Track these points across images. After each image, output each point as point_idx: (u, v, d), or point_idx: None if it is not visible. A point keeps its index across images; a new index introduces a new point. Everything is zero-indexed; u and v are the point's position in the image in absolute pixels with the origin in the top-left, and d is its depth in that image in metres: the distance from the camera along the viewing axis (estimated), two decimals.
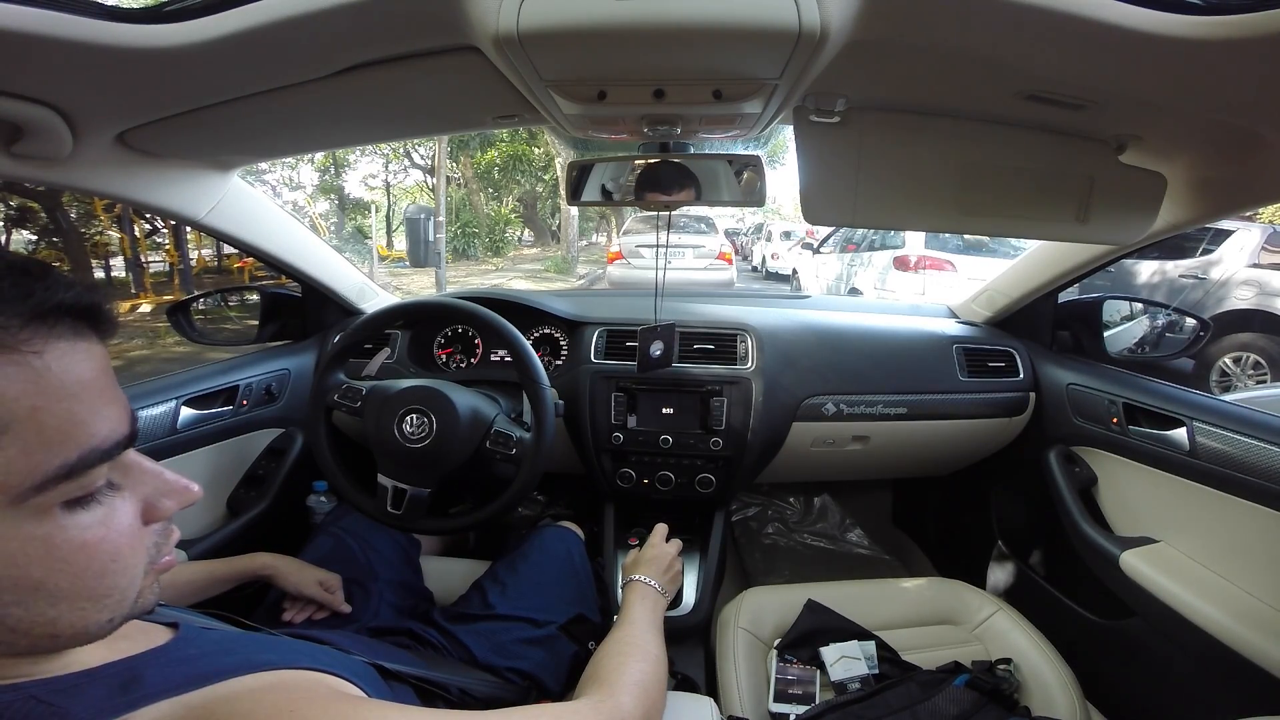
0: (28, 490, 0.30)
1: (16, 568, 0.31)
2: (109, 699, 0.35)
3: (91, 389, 0.33)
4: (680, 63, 0.58)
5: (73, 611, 0.33)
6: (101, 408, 0.33)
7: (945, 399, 1.27)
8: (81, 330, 0.33)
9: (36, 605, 0.32)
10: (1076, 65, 0.57)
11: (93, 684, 0.36)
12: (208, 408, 1.12)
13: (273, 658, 0.44)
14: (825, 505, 1.86)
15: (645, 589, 0.85)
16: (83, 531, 0.33)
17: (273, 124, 0.83)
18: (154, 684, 0.37)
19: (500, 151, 12.44)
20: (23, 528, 0.31)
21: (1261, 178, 0.77)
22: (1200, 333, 1.31)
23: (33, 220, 8.21)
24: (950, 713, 0.84)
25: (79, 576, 0.33)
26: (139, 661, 0.39)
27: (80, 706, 0.34)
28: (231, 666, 0.41)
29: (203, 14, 0.54)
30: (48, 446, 0.31)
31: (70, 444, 0.32)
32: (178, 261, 8.32)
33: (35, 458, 0.31)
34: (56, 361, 0.32)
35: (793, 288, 7.71)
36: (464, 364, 1.39)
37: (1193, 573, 0.93)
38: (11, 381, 0.30)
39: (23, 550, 0.31)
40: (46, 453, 0.31)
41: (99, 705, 0.35)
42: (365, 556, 1.00)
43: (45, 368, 0.31)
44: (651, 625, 0.77)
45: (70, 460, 0.32)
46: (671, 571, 0.91)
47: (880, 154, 0.79)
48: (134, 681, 0.37)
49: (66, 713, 0.33)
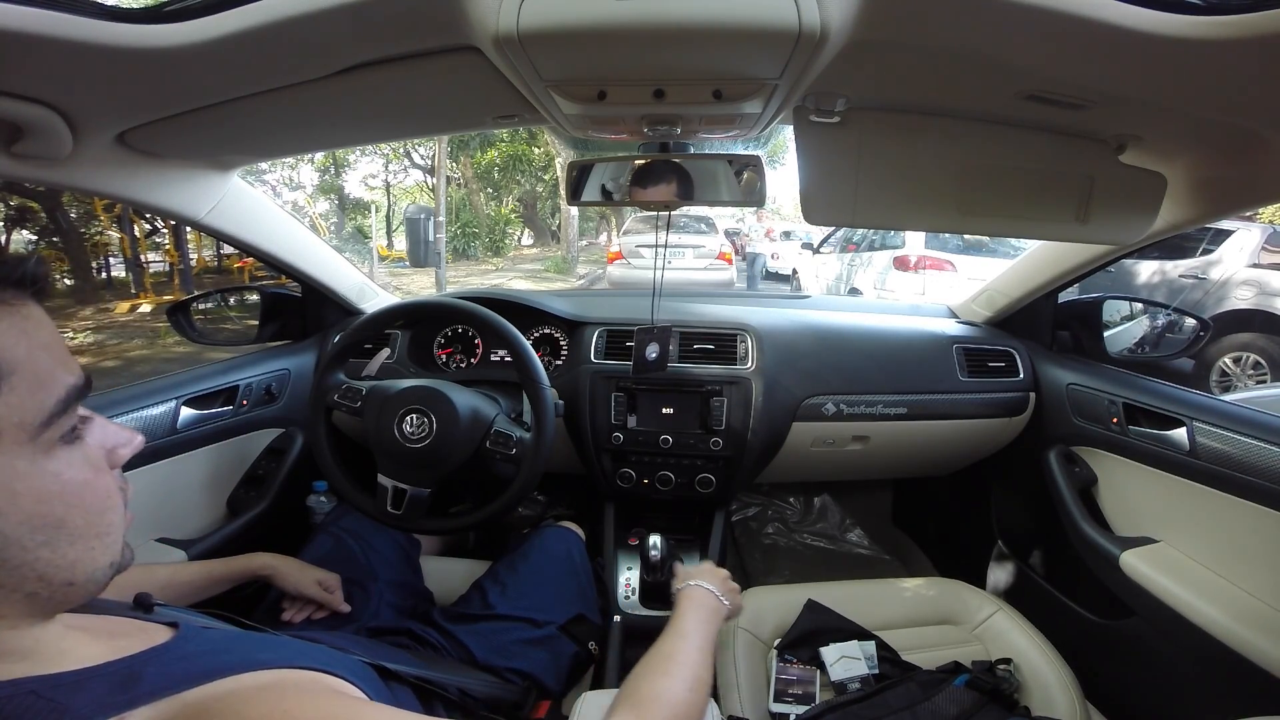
0: (38, 427, 0.35)
1: (44, 504, 0.35)
2: (109, 696, 0.36)
3: (56, 339, 0.38)
4: (680, 63, 0.58)
5: (87, 551, 0.37)
6: (65, 356, 0.38)
7: (945, 399, 1.27)
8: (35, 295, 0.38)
9: (60, 545, 0.36)
10: (1076, 65, 0.57)
11: (92, 681, 0.36)
12: (208, 408, 1.12)
13: (272, 657, 0.44)
14: (825, 505, 1.86)
15: (704, 594, 0.76)
16: (80, 469, 0.38)
17: (273, 124, 0.84)
18: (153, 682, 0.38)
19: (500, 151, 12.43)
20: (40, 464, 0.35)
21: (1261, 178, 0.77)
22: (1200, 333, 1.31)
23: (33, 220, 8.22)
24: (950, 713, 0.84)
25: (88, 512, 0.37)
26: (139, 660, 0.40)
27: (79, 703, 0.34)
28: (230, 665, 0.41)
29: (203, 14, 0.54)
30: (44, 387, 0.35)
31: (57, 384, 0.36)
32: (178, 261, 8.31)
33: (38, 396, 0.35)
34: (34, 316, 0.37)
35: (793, 288, 7.71)
36: (464, 364, 1.39)
37: (1193, 573, 0.93)
38: (9, 333, 0.35)
39: (45, 486, 0.35)
40: (44, 393, 0.35)
41: (98, 702, 0.35)
42: (365, 556, 1.00)
43: (27, 319, 0.36)
44: (705, 640, 0.69)
45: (61, 396, 0.36)
46: (728, 587, 0.82)
47: (880, 154, 0.79)
48: (133, 679, 0.37)
49: (66, 709, 0.34)
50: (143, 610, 0.50)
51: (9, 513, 0.34)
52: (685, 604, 0.74)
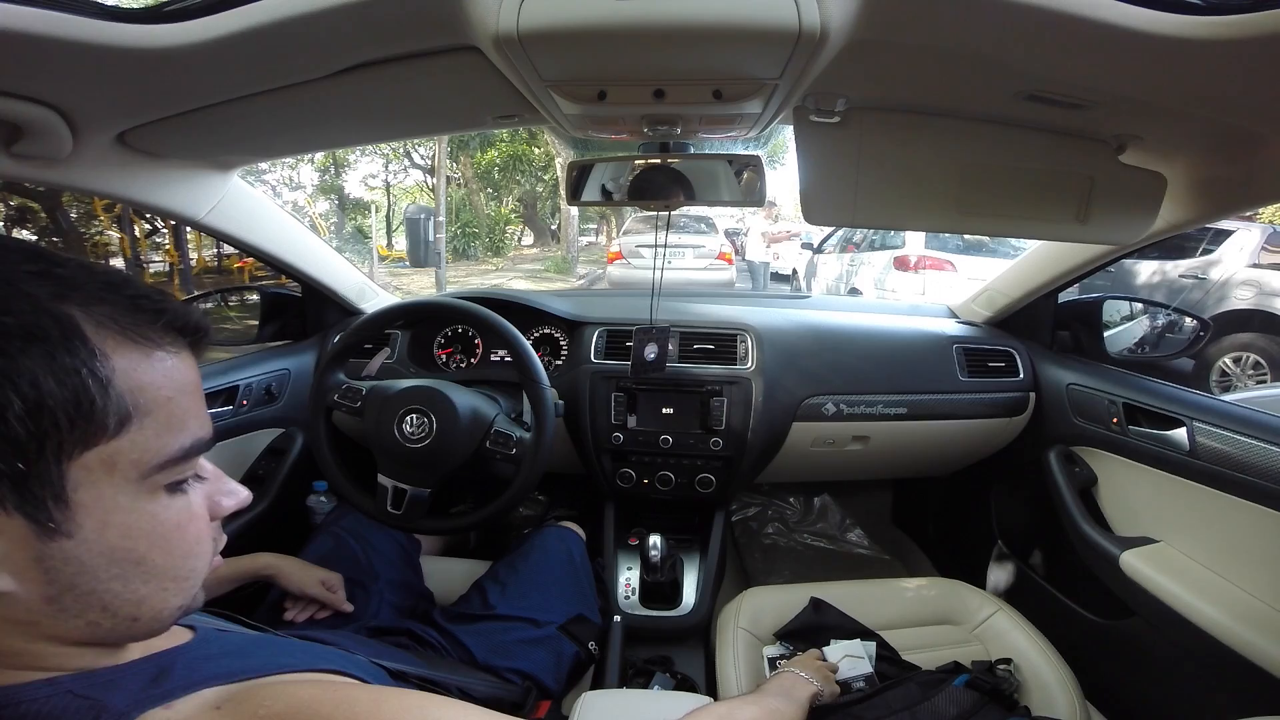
0: (152, 469, 0.35)
1: (129, 540, 0.35)
2: (143, 691, 0.36)
3: (197, 391, 0.39)
4: (680, 63, 0.58)
5: (159, 591, 0.37)
6: (201, 409, 0.39)
7: (945, 399, 1.27)
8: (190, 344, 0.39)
9: (133, 581, 0.36)
10: (1076, 65, 0.57)
11: (126, 677, 0.37)
12: (208, 408, 1.12)
13: (293, 660, 0.45)
14: (825, 505, 1.86)
15: (796, 679, 0.78)
16: (178, 513, 0.38)
17: (273, 124, 0.83)
18: (183, 677, 0.38)
19: (500, 151, 12.42)
20: (139, 503, 0.35)
21: (1261, 178, 0.77)
22: (1200, 333, 1.31)
23: (33, 220, 8.21)
24: (950, 713, 0.84)
25: (171, 555, 0.37)
26: (166, 657, 0.40)
27: (116, 699, 0.35)
28: (255, 667, 0.42)
29: (203, 14, 0.54)
30: (171, 432, 0.36)
31: (185, 433, 0.37)
32: (178, 261, 8.30)
33: (163, 440, 0.35)
34: (182, 363, 0.38)
35: (793, 288, 7.70)
36: (464, 364, 1.39)
37: (1193, 573, 0.93)
38: (155, 373, 0.35)
39: (137, 524, 0.35)
40: (170, 438, 0.36)
41: (134, 697, 0.36)
42: (366, 556, 1.00)
43: (175, 367, 0.37)
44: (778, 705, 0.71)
45: (185, 446, 0.37)
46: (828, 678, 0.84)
47: (880, 154, 0.79)
48: (164, 675, 0.38)
49: (104, 706, 0.34)
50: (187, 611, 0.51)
51: (94, 542, 0.33)
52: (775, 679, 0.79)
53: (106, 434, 0.33)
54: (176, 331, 0.37)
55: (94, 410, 0.32)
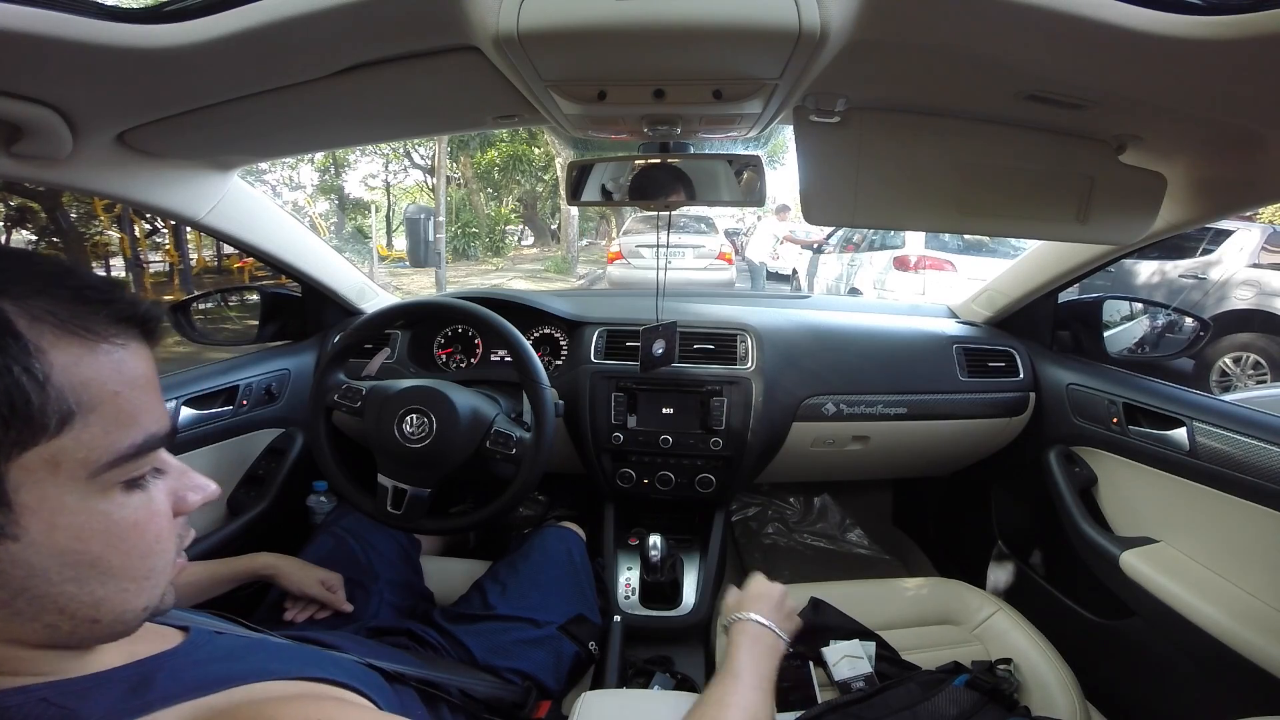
0: (101, 467, 0.34)
1: (80, 541, 0.34)
2: (120, 702, 0.36)
3: (152, 384, 0.37)
4: (680, 63, 0.58)
5: (118, 592, 0.36)
6: (157, 402, 0.38)
7: (945, 399, 1.27)
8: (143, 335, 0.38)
9: (89, 583, 0.35)
10: (1076, 65, 0.57)
11: (104, 686, 0.36)
12: (208, 408, 1.12)
13: (283, 667, 0.44)
14: (825, 505, 1.86)
15: (759, 630, 0.72)
16: (134, 511, 0.36)
17: (273, 124, 0.84)
18: (166, 687, 0.38)
19: (500, 151, 12.42)
20: (90, 502, 0.34)
21: (1261, 178, 0.77)
22: (1200, 333, 1.31)
23: (33, 220, 8.21)
24: (950, 713, 0.84)
25: (129, 555, 0.36)
26: (150, 664, 0.40)
27: (90, 709, 0.34)
28: (243, 674, 0.41)
29: (203, 14, 0.53)
30: (121, 428, 0.35)
31: (137, 428, 0.35)
32: (178, 261, 8.31)
33: (112, 437, 0.34)
34: (132, 356, 0.36)
35: (793, 288, 7.70)
36: (464, 364, 1.39)
37: (1193, 573, 0.93)
38: (101, 367, 0.34)
39: (89, 524, 0.34)
40: (120, 434, 0.34)
41: (110, 708, 0.35)
42: (366, 556, 1.00)
43: (123, 360, 0.35)
44: (760, 679, 0.66)
45: (137, 442, 0.35)
46: (786, 609, 0.78)
47: (880, 154, 0.79)
48: (145, 684, 0.37)
49: (77, 715, 0.34)
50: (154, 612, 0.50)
51: (42, 544, 0.33)
52: (739, 638, 0.71)
53: (47, 433, 0.32)
54: (125, 322, 0.36)
55: (30, 409, 0.31)
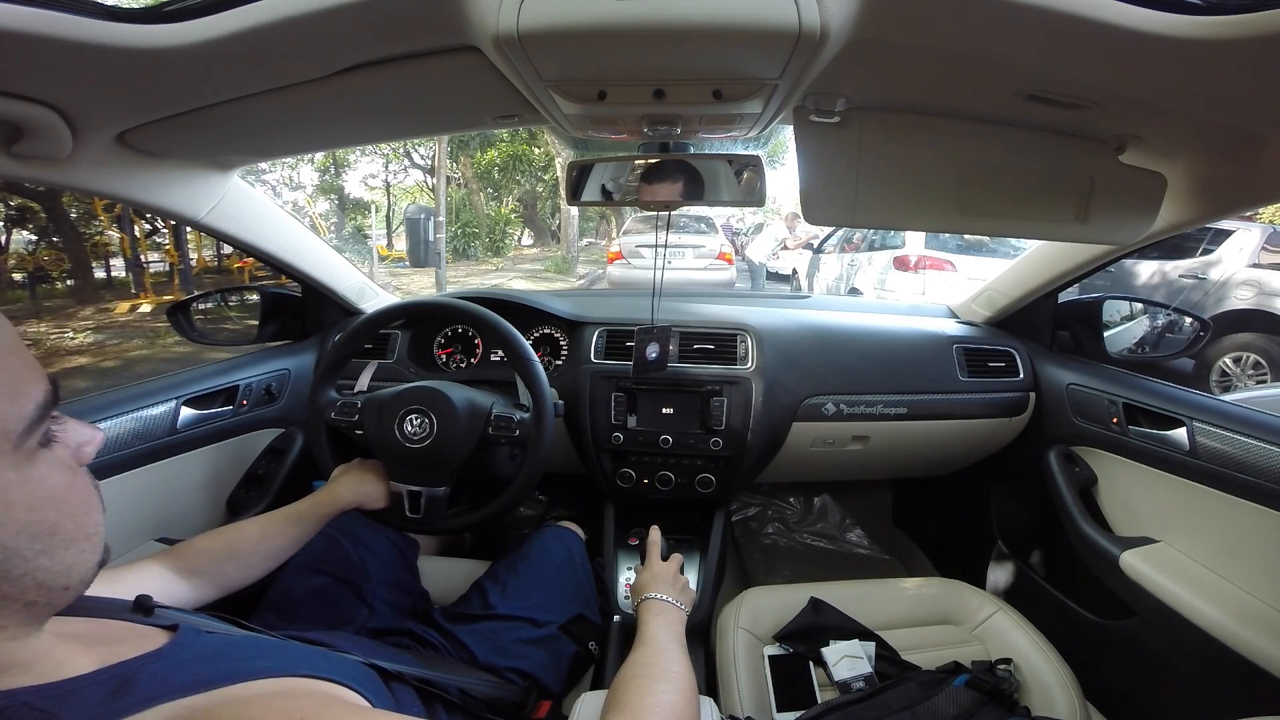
0: (21, 434, 0.35)
1: (36, 510, 0.35)
2: (101, 704, 0.36)
3: (21, 347, 0.38)
4: (680, 63, 0.58)
5: (79, 555, 0.38)
6: (32, 362, 0.38)
7: (945, 399, 1.27)
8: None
9: (57, 551, 0.36)
10: (1076, 65, 0.57)
11: (85, 689, 0.36)
12: (208, 408, 1.12)
13: (270, 664, 0.44)
14: (825, 505, 1.86)
15: (661, 605, 0.81)
16: (60, 472, 0.38)
17: (273, 124, 0.84)
18: (147, 689, 0.38)
19: (500, 151, 12.42)
20: (25, 471, 0.35)
21: (1261, 178, 0.77)
22: (1200, 333, 1.31)
23: (33, 220, 8.21)
24: (950, 713, 0.84)
25: (76, 515, 0.38)
26: (132, 666, 0.40)
27: (72, 712, 0.35)
28: (227, 673, 0.41)
29: (203, 14, 0.54)
30: (20, 394, 0.36)
31: (32, 389, 0.36)
32: (178, 261, 8.30)
33: (18, 404, 0.35)
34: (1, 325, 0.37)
35: (793, 288, 7.69)
36: (464, 364, 1.39)
37: (1193, 573, 0.93)
38: None
39: (36, 493, 0.35)
40: (21, 400, 0.35)
41: (91, 710, 0.35)
42: (359, 556, 0.99)
43: None
44: (673, 642, 0.73)
45: (40, 401, 0.36)
46: (679, 584, 0.88)
47: (880, 154, 0.79)
48: (126, 686, 0.37)
49: (58, 718, 0.34)
50: (143, 613, 0.50)
51: (6, 524, 0.34)
52: (646, 615, 0.79)
53: None
54: None
55: None
